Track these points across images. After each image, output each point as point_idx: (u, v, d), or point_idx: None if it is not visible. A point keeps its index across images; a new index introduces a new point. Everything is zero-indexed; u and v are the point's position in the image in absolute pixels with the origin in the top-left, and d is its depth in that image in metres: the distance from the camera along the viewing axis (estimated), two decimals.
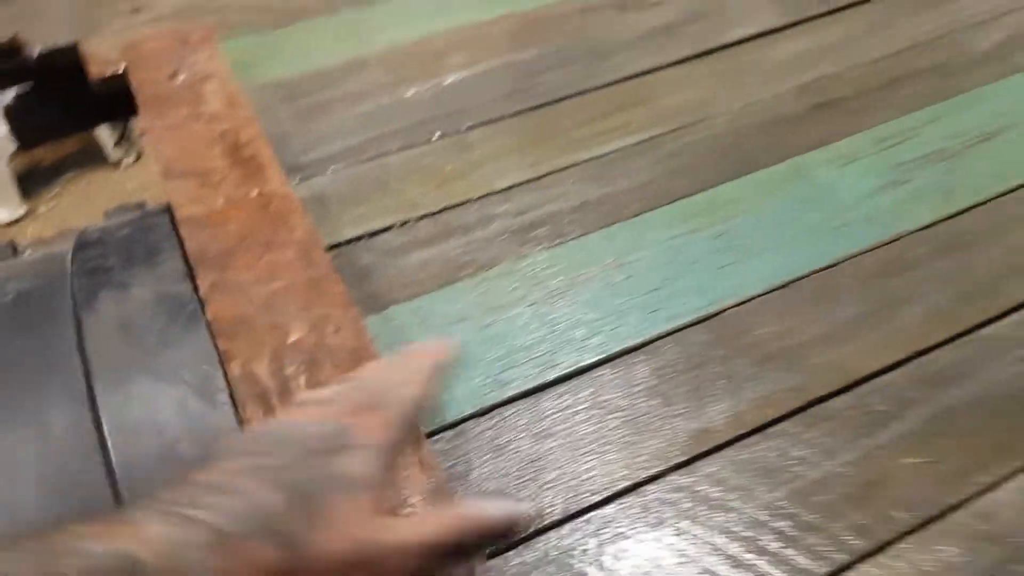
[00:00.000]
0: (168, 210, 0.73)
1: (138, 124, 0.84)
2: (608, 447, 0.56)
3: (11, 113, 1.12)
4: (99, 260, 0.66)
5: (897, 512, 0.51)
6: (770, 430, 0.56)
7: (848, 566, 0.49)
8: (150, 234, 0.69)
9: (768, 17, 1.00)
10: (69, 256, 0.68)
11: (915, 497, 0.52)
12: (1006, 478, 0.52)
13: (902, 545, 0.50)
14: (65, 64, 1.04)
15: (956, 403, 0.57)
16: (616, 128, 0.85)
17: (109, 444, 0.54)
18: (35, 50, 1.03)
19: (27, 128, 1.15)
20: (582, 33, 1.01)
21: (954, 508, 0.51)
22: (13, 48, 1.04)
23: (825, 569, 0.49)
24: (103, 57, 0.99)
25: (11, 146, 2.05)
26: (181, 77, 0.88)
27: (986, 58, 0.90)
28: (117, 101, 1.06)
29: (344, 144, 0.86)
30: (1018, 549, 0.49)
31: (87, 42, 1.03)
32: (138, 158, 2.20)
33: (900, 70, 0.89)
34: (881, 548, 0.50)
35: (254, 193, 0.71)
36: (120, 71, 0.94)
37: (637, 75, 0.92)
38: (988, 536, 0.50)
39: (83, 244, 0.69)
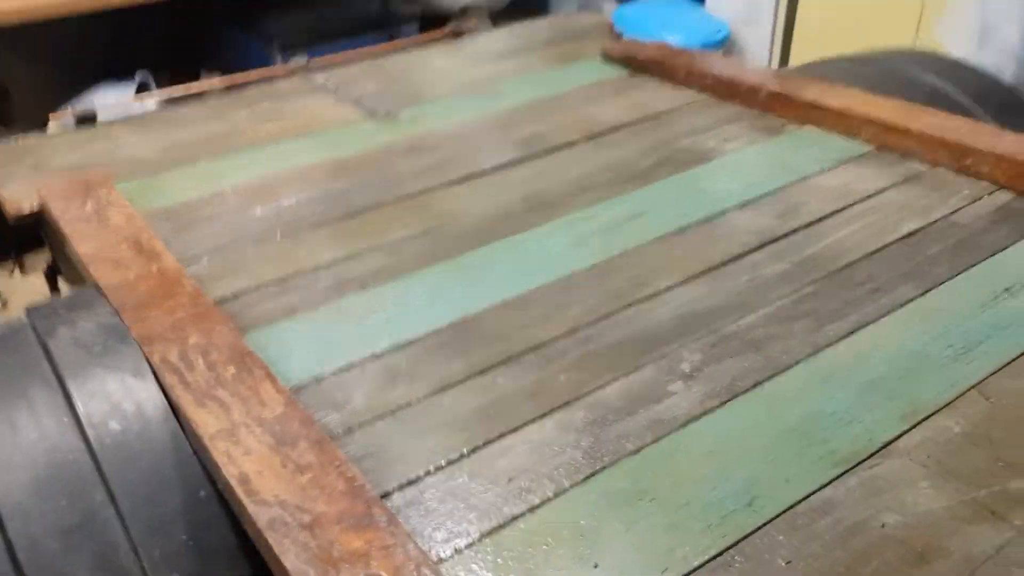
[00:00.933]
0: (93, 286, 1.07)
1: (60, 226, 1.17)
2: (397, 377, 0.94)
3: None
4: (50, 311, 0.99)
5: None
6: (491, 371, 0.96)
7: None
8: (83, 296, 1.03)
9: (510, 154, 1.47)
10: (24, 317, 1.01)
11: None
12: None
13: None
14: None
15: (608, 338, 0.99)
16: (402, 226, 1.26)
17: (78, 409, 0.86)
18: None
19: None
20: (380, 169, 1.44)
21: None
22: None
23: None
24: (16, 199, 1.33)
25: None
26: (89, 205, 1.23)
27: (642, 173, 1.40)
28: (22, 236, 1.39)
29: (211, 245, 1.22)
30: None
31: (1, 189, 1.36)
32: (4, 305, 2.41)
33: (588, 183, 1.37)
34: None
35: (154, 269, 1.07)
36: (36, 208, 1.28)
37: (417, 194, 1.36)
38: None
39: (33, 309, 1.02)
